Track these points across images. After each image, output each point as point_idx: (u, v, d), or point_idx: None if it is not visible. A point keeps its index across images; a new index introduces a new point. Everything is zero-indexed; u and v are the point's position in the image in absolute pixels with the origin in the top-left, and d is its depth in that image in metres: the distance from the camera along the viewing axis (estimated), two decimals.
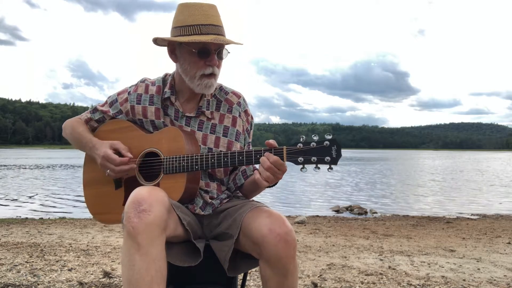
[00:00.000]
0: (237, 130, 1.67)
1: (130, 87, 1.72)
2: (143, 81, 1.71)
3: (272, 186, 1.48)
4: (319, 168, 1.38)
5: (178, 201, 1.51)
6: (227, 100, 1.69)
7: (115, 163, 1.55)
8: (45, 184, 14.37)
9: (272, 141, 1.41)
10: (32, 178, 16.72)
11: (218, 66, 1.58)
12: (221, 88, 1.72)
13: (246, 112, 1.72)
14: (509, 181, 19.01)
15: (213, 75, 1.57)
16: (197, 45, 1.52)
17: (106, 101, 1.76)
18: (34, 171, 21.02)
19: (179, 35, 1.53)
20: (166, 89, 1.66)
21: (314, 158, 1.37)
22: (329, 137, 1.37)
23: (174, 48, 1.60)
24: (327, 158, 1.36)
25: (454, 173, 24.33)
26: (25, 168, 23.64)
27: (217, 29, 1.53)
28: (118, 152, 1.59)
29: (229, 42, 1.54)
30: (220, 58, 1.58)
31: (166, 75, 1.72)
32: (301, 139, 1.39)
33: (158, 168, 1.58)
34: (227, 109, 1.68)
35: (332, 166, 1.37)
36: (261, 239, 1.36)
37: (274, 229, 1.36)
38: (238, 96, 1.71)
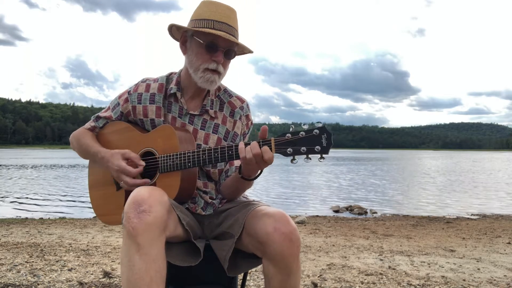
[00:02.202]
0: (235, 132, 1.68)
1: (130, 87, 1.71)
2: (143, 81, 1.71)
3: (253, 179, 1.48)
4: (310, 159, 1.33)
5: (175, 199, 1.50)
6: (230, 103, 1.69)
7: (131, 175, 1.53)
8: (34, 184, 14.34)
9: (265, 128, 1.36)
10: (37, 178, 16.74)
11: (224, 65, 1.57)
12: (225, 90, 1.72)
13: (247, 116, 1.72)
14: (507, 179, 19.03)
15: (216, 72, 1.56)
16: (206, 38, 1.52)
17: (109, 107, 1.76)
18: (34, 171, 21.03)
19: (193, 27, 1.54)
20: (172, 85, 1.66)
21: (303, 149, 1.31)
22: (319, 125, 1.31)
23: (185, 40, 1.61)
24: (317, 148, 1.30)
25: (454, 173, 24.32)
26: (10, 168, 23.63)
27: (230, 28, 1.53)
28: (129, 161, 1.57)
29: (238, 43, 1.54)
30: (228, 58, 1.58)
31: (171, 73, 1.72)
32: (290, 129, 1.34)
33: (154, 168, 1.57)
34: (230, 112, 1.68)
35: (324, 155, 1.31)
36: (266, 237, 1.36)
37: (279, 227, 1.36)
38: (242, 101, 1.71)
